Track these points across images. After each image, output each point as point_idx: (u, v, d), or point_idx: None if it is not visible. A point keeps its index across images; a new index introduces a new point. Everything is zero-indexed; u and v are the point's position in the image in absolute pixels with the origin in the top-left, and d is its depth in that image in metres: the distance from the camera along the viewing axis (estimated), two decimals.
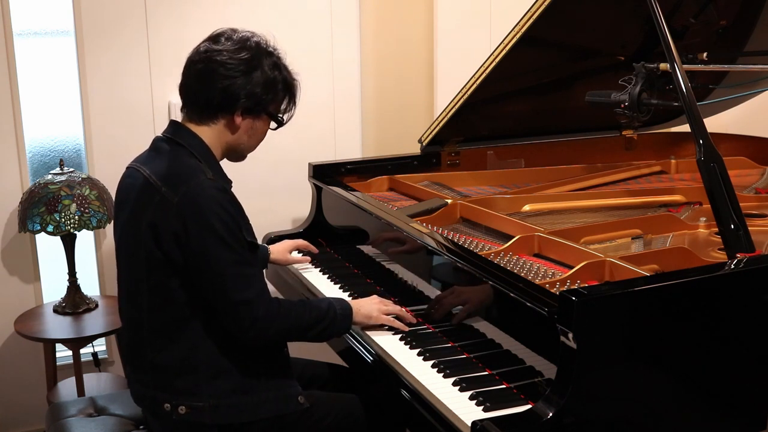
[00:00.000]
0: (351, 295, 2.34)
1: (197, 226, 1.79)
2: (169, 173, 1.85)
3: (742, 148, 2.99)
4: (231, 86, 1.88)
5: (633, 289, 1.64)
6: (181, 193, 1.80)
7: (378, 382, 2.03)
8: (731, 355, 1.72)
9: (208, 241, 1.79)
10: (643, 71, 2.27)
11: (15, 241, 3.02)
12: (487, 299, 1.90)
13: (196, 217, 1.79)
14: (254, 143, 2.01)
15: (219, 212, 1.80)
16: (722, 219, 1.89)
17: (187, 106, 1.96)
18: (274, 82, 1.94)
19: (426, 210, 2.46)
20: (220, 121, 1.93)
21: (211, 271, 1.81)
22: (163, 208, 1.81)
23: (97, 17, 2.99)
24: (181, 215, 1.80)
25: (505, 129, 3.01)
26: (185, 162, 1.88)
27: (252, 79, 1.89)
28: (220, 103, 1.90)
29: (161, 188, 1.83)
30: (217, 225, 1.79)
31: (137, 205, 1.87)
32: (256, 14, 3.15)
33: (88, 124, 3.04)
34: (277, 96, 1.97)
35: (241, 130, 1.94)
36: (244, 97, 1.89)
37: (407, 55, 3.42)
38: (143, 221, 1.84)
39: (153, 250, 1.84)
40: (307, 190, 2.88)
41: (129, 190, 1.93)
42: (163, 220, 1.81)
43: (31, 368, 3.06)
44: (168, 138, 1.94)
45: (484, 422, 1.55)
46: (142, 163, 1.94)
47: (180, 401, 1.89)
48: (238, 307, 1.83)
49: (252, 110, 1.93)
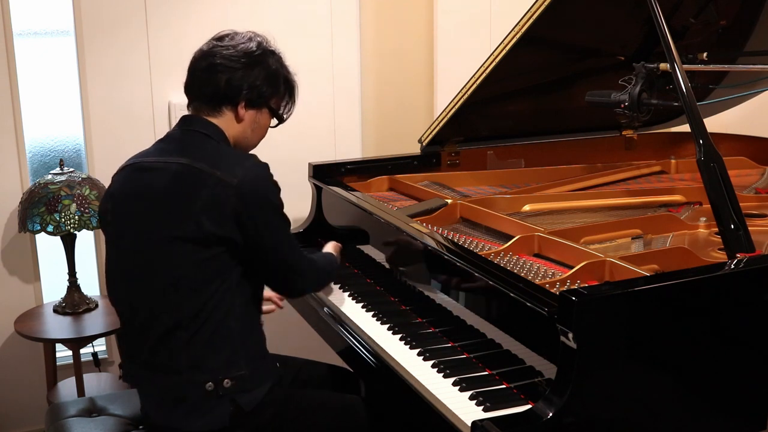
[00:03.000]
0: (351, 295, 2.34)
1: (259, 204, 1.90)
2: (218, 158, 1.91)
3: (742, 148, 2.99)
4: (234, 78, 1.96)
5: (633, 289, 1.64)
6: (241, 175, 1.87)
7: (378, 382, 2.03)
8: (731, 355, 1.72)
9: (270, 215, 1.92)
10: (643, 71, 2.27)
11: (15, 241, 3.02)
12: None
13: (258, 196, 1.90)
14: (256, 138, 2.07)
15: (274, 190, 1.95)
16: (722, 219, 1.89)
17: (194, 100, 2.01)
18: (276, 76, 2.03)
19: (426, 210, 2.46)
20: (226, 112, 1.99)
21: (274, 241, 1.94)
22: (222, 190, 1.86)
23: (97, 17, 2.99)
24: (242, 195, 1.86)
25: (505, 129, 3.01)
26: (225, 148, 1.97)
27: (254, 72, 1.98)
28: (225, 93, 1.96)
29: (215, 172, 1.87)
30: (276, 201, 1.94)
31: (179, 193, 1.89)
32: (256, 14, 3.16)
33: (88, 124, 3.04)
34: (278, 90, 2.04)
35: (245, 122, 2.01)
36: (246, 88, 1.97)
37: (407, 55, 3.42)
38: (194, 206, 1.86)
39: (208, 232, 1.86)
40: (307, 190, 2.88)
41: (151, 183, 1.92)
42: (222, 201, 1.86)
43: (31, 368, 3.06)
44: (189, 130, 1.98)
45: (484, 422, 1.56)
46: (159, 156, 1.95)
47: (223, 375, 1.90)
48: (303, 269, 2.05)
49: (255, 102, 1.99)
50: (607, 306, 1.60)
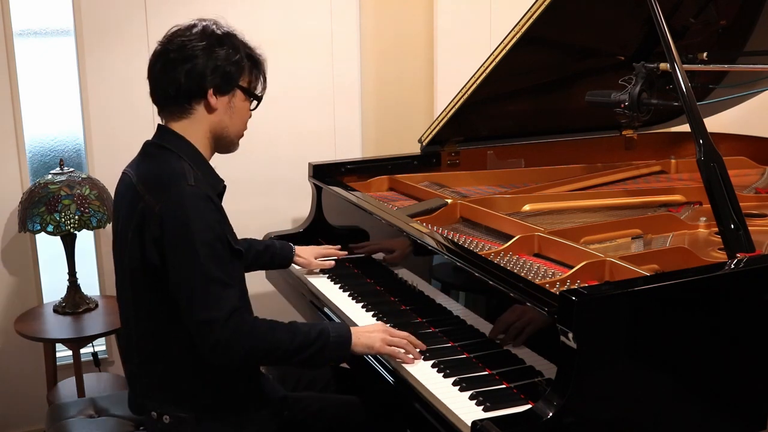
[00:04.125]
0: (351, 295, 2.34)
1: (174, 237, 1.75)
2: (152, 180, 1.82)
3: (742, 148, 2.99)
4: (195, 67, 1.84)
5: (633, 289, 1.64)
6: (162, 201, 1.77)
7: (378, 382, 2.03)
8: (731, 355, 1.72)
9: (182, 252, 1.74)
10: (643, 71, 2.27)
11: (15, 241, 3.02)
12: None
13: (175, 227, 1.75)
14: (238, 123, 1.94)
15: (197, 223, 1.75)
16: (722, 219, 1.89)
17: (162, 106, 1.92)
18: (237, 53, 1.89)
19: (426, 210, 2.46)
20: (196, 108, 1.88)
21: (182, 284, 1.75)
22: (147, 216, 1.78)
23: (97, 17, 2.99)
24: (161, 224, 1.76)
25: (505, 129, 3.01)
26: (169, 167, 1.83)
27: (213, 54, 1.86)
28: (190, 87, 1.85)
29: (144, 196, 1.80)
30: (195, 236, 1.74)
31: (126, 212, 1.86)
32: (256, 14, 3.15)
33: (88, 124, 3.04)
34: (243, 69, 1.91)
35: (219, 111, 1.89)
36: (210, 74, 1.85)
37: (407, 54, 3.42)
38: (130, 229, 1.82)
39: (138, 260, 1.81)
40: (307, 190, 2.88)
41: (121, 197, 1.92)
42: (147, 228, 1.78)
43: (31, 368, 3.06)
44: (155, 143, 1.92)
45: (484, 422, 1.56)
46: (132, 168, 1.92)
47: (165, 410, 1.88)
48: (200, 326, 1.74)
49: (222, 87, 1.88)
50: (607, 306, 1.60)
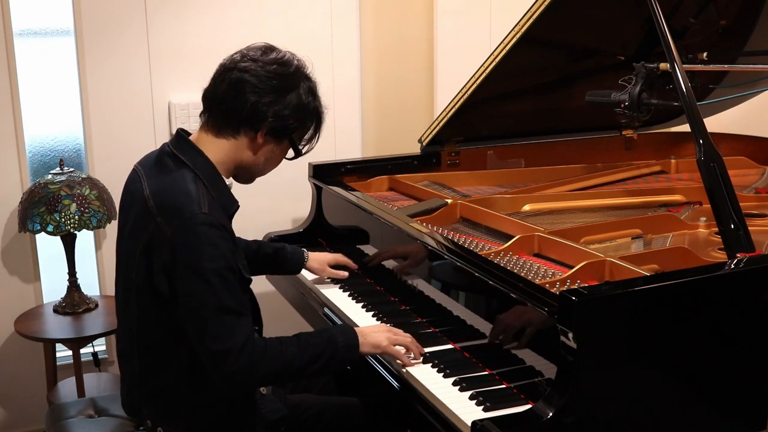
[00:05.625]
0: (351, 295, 2.34)
1: (185, 265, 1.71)
2: (165, 200, 1.76)
3: (742, 148, 2.99)
4: (260, 102, 1.78)
5: (633, 289, 1.64)
6: (175, 226, 1.72)
7: (377, 382, 2.03)
8: (731, 355, 1.72)
9: (194, 282, 1.71)
10: (643, 71, 2.27)
11: (15, 241, 3.02)
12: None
13: (186, 255, 1.71)
14: (268, 168, 1.92)
15: (209, 252, 1.71)
16: (722, 219, 1.89)
17: (210, 112, 1.85)
18: (306, 108, 1.85)
19: (426, 210, 2.46)
20: (242, 137, 1.82)
21: (194, 315, 1.72)
22: (157, 238, 1.74)
23: (97, 17, 2.98)
24: (172, 250, 1.72)
25: (505, 129, 3.01)
26: (185, 187, 1.77)
27: (284, 100, 1.80)
28: (248, 117, 1.79)
29: (156, 217, 1.75)
30: (206, 266, 1.70)
31: (136, 225, 1.81)
32: (256, 14, 3.15)
33: (88, 124, 3.04)
34: (304, 123, 1.87)
35: (261, 152, 1.85)
36: (272, 116, 1.80)
37: (407, 54, 3.42)
38: (139, 245, 1.78)
39: (145, 279, 1.78)
40: (307, 190, 2.88)
41: (132, 201, 1.85)
42: (156, 250, 1.74)
43: (31, 368, 3.06)
44: (173, 154, 1.84)
45: (484, 422, 1.56)
46: (145, 175, 1.85)
47: (159, 422, 1.88)
48: (215, 356, 1.72)
49: (276, 133, 1.83)
50: (607, 306, 1.60)
